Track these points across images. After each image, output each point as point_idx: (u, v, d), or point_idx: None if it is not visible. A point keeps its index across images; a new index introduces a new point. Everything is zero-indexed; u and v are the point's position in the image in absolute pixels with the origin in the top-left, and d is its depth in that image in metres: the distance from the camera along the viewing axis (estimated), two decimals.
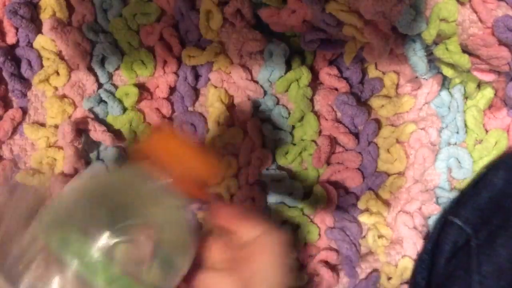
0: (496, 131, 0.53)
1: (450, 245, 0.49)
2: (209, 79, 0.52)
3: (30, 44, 0.51)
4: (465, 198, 0.51)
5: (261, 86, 0.52)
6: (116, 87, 0.52)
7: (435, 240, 0.51)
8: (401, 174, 0.54)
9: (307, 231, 0.53)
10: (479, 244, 0.47)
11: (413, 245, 0.52)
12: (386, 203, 0.54)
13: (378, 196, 0.54)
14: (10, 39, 0.50)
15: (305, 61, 0.52)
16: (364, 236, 0.53)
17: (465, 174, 0.53)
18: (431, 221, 0.53)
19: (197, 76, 0.52)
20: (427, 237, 0.53)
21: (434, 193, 0.53)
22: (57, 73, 0.51)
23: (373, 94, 0.53)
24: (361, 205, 0.53)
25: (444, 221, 0.51)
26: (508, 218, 0.47)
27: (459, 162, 0.53)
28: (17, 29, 0.50)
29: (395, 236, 0.53)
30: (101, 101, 0.51)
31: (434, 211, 0.53)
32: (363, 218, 0.53)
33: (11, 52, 0.50)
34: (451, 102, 0.53)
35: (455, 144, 0.53)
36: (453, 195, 0.53)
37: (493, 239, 0.46)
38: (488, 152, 0.53)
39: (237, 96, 0.53)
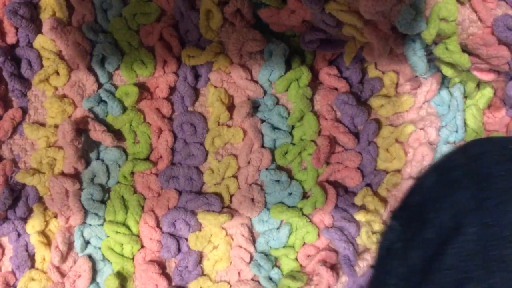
0: (497, 134, 0.53)
1: (384, 244, 0.49)
2: (209, 79, 0.52)
3: (30, 44, 0.51)
4: (403, 198, 0.51)
5: (261, 86, 0.52)
6: (116, 87, 0.52)
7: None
8: (398, 171, 0.54)
9: (306, 232, 0.53)
10: (399, 246, 0.47)
11: None
12: (384, 201, 0.54)
13: (376, 193, 0.54)
14: (10, 39, 0.50)
15: (305, 61, 0.52)
16: (359, 234, 0.53)
17: None
18: None
19: (197, 76, 0.52)
20: None
21: None
22: (57, 73, 0.51)
23: (372, 93, 0.53)
24: (357, 201, 0.53)
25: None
26: (425, 220, 0.46)
27: None
28: (17, 29, 0.50)
29: None
30: (101, 101, 0.51)
31: None
32: (359, 216, 0.53)
33: (11, 52, 0.50)
34: (451, 101, 0.53)
35: (454, 143, 0.53)
36: None
37: (410, 241, 0.46)
38: None
39: (237, 96, 0.53)
